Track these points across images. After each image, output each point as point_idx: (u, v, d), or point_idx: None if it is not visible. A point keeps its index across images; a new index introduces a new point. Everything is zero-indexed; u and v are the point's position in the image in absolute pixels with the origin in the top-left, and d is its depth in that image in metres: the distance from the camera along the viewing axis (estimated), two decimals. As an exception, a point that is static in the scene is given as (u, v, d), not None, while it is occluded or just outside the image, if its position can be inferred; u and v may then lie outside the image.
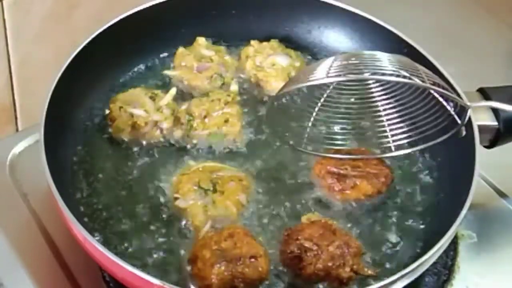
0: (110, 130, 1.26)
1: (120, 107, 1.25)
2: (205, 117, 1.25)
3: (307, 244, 1.08)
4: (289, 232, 1.11)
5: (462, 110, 1.13)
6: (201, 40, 1.37)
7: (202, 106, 1.26)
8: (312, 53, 1.43)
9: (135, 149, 1.25)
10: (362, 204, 1.19)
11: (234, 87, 1.33)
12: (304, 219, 1.14)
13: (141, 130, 1.24)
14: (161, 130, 1.25)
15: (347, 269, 1.07)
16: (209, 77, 1.33)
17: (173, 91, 1.29)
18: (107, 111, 1.27)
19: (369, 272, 1.09)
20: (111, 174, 1.21)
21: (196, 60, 1.34)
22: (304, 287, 1.09)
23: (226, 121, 1.26)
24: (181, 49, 1.36)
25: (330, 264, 1.06)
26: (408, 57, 1.30)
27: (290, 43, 1.42)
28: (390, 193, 1.21)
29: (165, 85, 1.34)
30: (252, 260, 1.05)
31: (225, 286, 1.04)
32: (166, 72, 1.35)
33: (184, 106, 1.28)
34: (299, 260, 1.08)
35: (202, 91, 1.32)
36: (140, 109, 1.25)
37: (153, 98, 1.27)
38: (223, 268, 1.04)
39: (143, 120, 1.24)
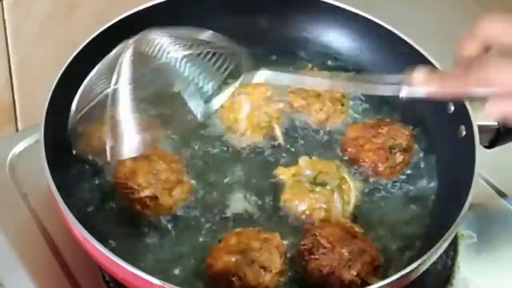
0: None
1: None
2: None
3: (321, 241, 1.07)
4: (310, 227, 1.11)
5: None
6: None
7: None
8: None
9: (135, 149, 1.24)
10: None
11: None
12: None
13: None
14: None
15: (353, 272, 1.05)
16: None
17: None
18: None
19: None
20: (112, 173, 1.21)
21: None
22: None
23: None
24: None
25: (335, 264, 1.06)
26: (408, 57, 1.30)
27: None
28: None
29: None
30: (261, 270, 1.04)
31: (225, 275, 1.03)
32: None
33: None
34: (307, 253, 1.07)
35: None
36: None
37: None
38: (233, 259, 1.04)
39: None
